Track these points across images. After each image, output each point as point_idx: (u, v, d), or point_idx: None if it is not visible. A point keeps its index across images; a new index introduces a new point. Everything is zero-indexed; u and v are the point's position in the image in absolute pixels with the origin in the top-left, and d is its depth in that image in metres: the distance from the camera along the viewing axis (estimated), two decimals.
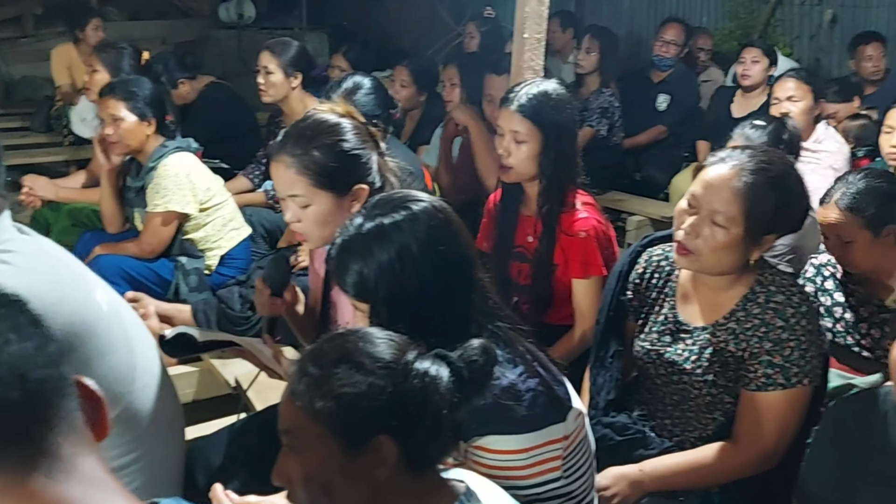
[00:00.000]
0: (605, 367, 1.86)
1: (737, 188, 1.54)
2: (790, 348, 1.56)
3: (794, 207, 1.60)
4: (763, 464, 1.63)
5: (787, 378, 1.57)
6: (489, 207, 2.42)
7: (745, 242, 1.56)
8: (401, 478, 1.01)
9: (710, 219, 1.55)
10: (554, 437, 1.30)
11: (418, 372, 1.02)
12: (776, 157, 1.62)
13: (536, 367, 1.33)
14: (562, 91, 2.15)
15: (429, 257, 1.28)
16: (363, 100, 2.50)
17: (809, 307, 1.61)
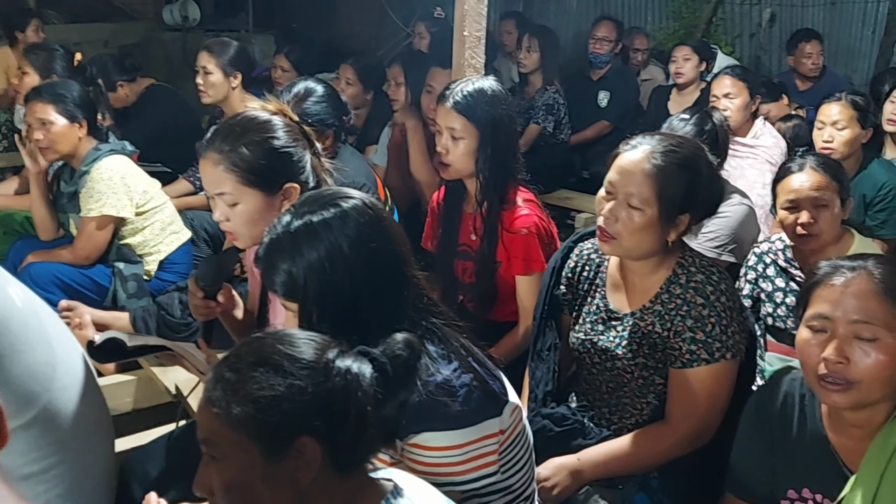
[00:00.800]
0: (543, 359, 1.89)
1: (648, 170, 1.60)
2: (711, 324, 1.61)
3: (704, 188, 1.65)
4: (694, 440, 1.66)
5: (711, 353, 1.61)
6: (433, 206, 2.42)
7: (661, 223, 1.61)
8: (326, 479, 1.00)
9: (627, 202, 1.61)
10: (489, 432, 1.30)
11: (340, 370, 1.00)
12: (685, 142, 1.69)
13: (471, 363, 1.32)
14: (498, 88, 2.16)
15: (360, 255, 1.26)
16: (314, 108, 2.45)
17: (728, 285, 1.66)
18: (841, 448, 1.40)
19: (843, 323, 1.30)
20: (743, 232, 2.55)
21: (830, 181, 2.19)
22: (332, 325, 1.23)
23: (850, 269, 1.34)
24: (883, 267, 1.33)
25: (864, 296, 1.30)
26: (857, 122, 2.98)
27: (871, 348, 1.28)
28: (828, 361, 1.30)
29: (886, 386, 1.31)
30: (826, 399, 1.35)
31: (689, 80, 4.23)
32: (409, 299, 1.32)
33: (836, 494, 1.35)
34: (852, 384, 1.29)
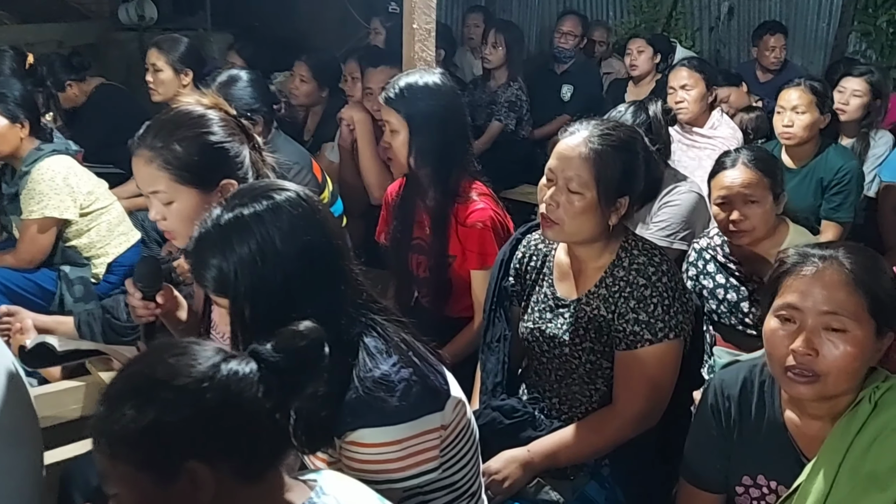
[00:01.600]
0: (493, 351, 1.88)
1: (585, 154, 1.61)
2: (654, 304, 1.62)
3: (641, 169, 1.66)
4: (642, 421, 1.65)
5: (654, 333, 1.61)
6: (387, 200, 2.38)
7: (601, 206, 1.62)
8: (233, 491, 0.95)
9: (566, 187, 1.62)
10: (429, 428, 1.26)
11: (223, 379, 0.94)
12: (621, 126, 1.71)
13: (412, 358, 1.29)
14: (437, 81, 2.12)
15: (292, 248, 1.22)
16: (239, 93, 2.42)
17: (670, 266, 1.67)
18: (799, 436, 1.39)
19: (812, 314, 1.28)
20: (694, 219, 2.55)
21: (762, 177, 2.17)
22: (265, 320, 1.19)
23: (821, 259, 1.31)
24: (853, 257, 1.31)
25: (834, 286, 1.28)
26: (816, 108, 3.00)
27: (840, 340, 1.26)
28: (796, 353, 1.28)
29: (853, 378, 1.29)
30: (792, 391, 1.32)
31: (644, 72, 4.25)
32: (346, 294, 1.28)
33: (792, 481, 1.34)
34: (819, 376, 1.27)
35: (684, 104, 3.25)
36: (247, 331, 1.22)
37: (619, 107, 2.59)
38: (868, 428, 1.26)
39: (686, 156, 3.32)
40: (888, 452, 1.24)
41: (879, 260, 1.35)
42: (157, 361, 0.96)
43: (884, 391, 1.29)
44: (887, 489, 1.21)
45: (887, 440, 1.24)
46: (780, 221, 2.26)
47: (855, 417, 1.28)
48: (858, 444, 1.26)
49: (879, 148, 3.53)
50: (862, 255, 1.32)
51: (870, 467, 1.24)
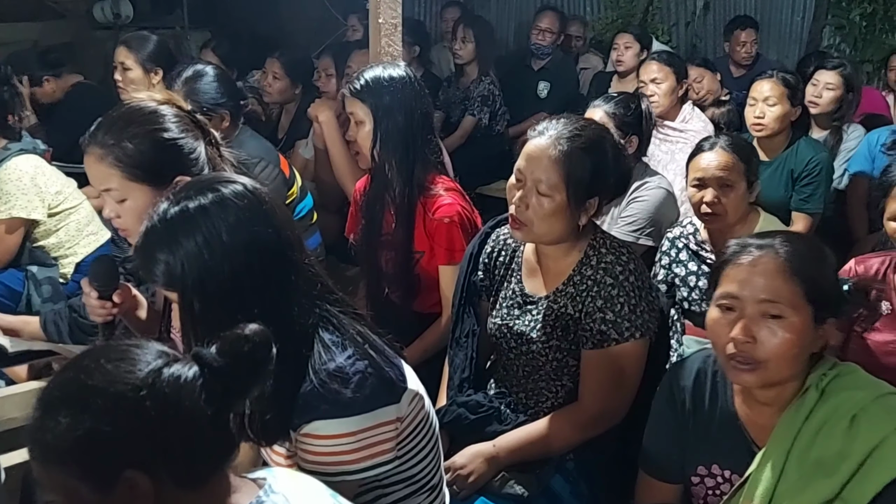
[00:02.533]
0: (461, 346, 1.89)
1: (554, 156, 1.60)
2: (620, 304, 1.62)
3: (610, 170, 1.66)
4: (607, 419, 1.67)
5: (620, 332, 1.62)
6: (356, 196, 2.38)
7: (571, 208, 1.61)
8: (174, 499, 0.93)
9: (535, 189, 1.61)
10: (385, 420, 1.26)
11: (162, 386, 0.92)
12: (589, 125, 1.70)
13: (367, 350, 1.28)
14: (402, 74, 2.12)
15: (239, 241, 1.22)
16: (204, 88, 2.40)
17: (637, 265, 1.68)
18: (750, 425, 1.40)
19: (750, 302, 1.30)
20: (661, 215, 2.57)
21: (738, 162, 2.22)
22: (215, 314, 1.19)
23: (758, 248, 1.34)
24: (789, 245, 1.33)
25: (770, 275, 1.30)
26: (787, 100, 3.03)
27: (777, 327, 1.28)
28: (736, 341, 1.30)
29: (793, 364, 1.31)
30: (736, 378, 1.35)
31: (630, 67, 4.25)
32: (298, 285, 1.27)
33: (745, 470, 1.36)
34: (760, 363, 1.29)
35: (655, 98, 3.26)
36: (197, 324, 1.21)
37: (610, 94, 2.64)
38: (815, 416, 1.29)
39: (659, 150, 3.33)
40: (835, 439, 1.26)
41: (818, 248, 1.38)
42: (94, 367, 0.93)
43: (830, 379, 1.31)
44: (834, 475, 1.24)
45: (834, 427, 1.27)
46: (752, 210, 2.29)
47: (802, 405, 1.31)
48: (806, 431, 1.29)
49: (851, 142, 3.57)
50: (799, 244, 1.35)
51: (817, 454, 1.27)
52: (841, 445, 1.25)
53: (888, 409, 1.27)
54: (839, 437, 1.26)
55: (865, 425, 1.25)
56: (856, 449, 1.24)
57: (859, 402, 1.27)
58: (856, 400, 1.28)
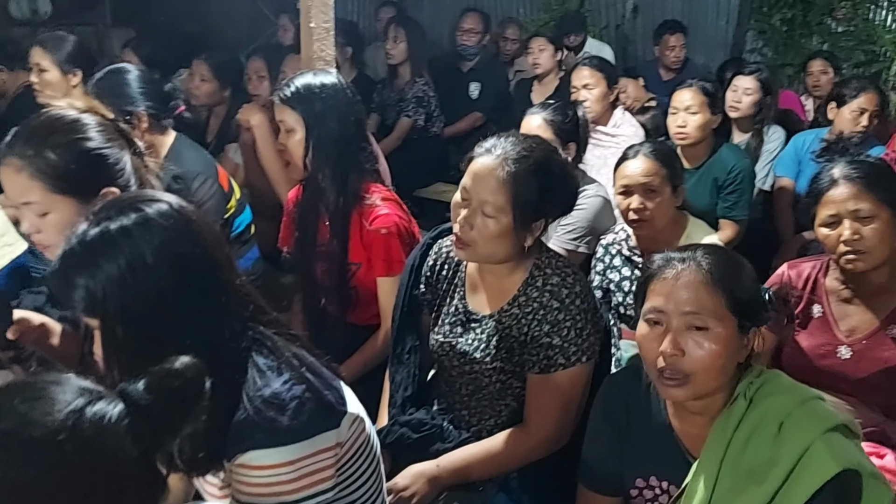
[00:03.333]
0: (403, 363, 1.84)
1: (501, 178, 1.56)
2: (567, 328, 1.60)
3: (558, 192, 1.63)
4: (552, 444, 1.66)
5: (567, 357, 1.60)
6: (289, 206, 2.31)
7: (516, 230, 1.58)
8: None
9: (481, 209, 1.57)
10: (324, 446, 1.22)
11: (84, 428, 0.85)
12: (537, 145, 1.66)
13: (305, 374, 1.24)
14: (332, 81, 2.07)
15: (165, 263, 1.15)
16: (119, 90, 2.29)
17: (583, 286, 1.66)
18: (684, 435, 1.42)
19: (676, 315, 1.32)
20: (598, 223, 2.59)
21: (661, 168, 2.25)
22: (140, 342, 1.13)
23: (681, 262, 1.36)
24: (710, 257, 1.36)
25: (693, 287, 1.32)
26: (708, 108, 3.09)
27: (703, 339, 1.30)
28: (664, 354, 1.31)
29: (720, 375, 1.33)
30: (665, 394, 1.36)
31: (547, 69, 4.29)
32: (229, 308, 1.22)
33: (682, 481, 1.37)
34: (688, 376, 1.31)
35: (587, 103, 3.28)
36: (121, 353, 1.15)
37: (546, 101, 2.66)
38: (745, 424, 1.31)
39: (592, 154, 3.36)
40: (764, 447, 1.28)
41: (738, 259, 1.41)
42: (7, 409, 0.86)
43: (757, 387, 1.34)
44: (764, 482, 1.26)
45: (762, 435, 1.29)
46: (681, 215, 2.34)
47: (732, 415, 1.33)
48: (737, 440, 1.31)
49: (772, 143, 3.68)
50: (719, 256, 1.37)
51: (748, 463, 1.29)
52: (770, 453, 1.27)
53: (812, 415, 1.30)
54: (768, 445, 1.28)
55: (792, 432, 1.28)
56: (784, 456, 1.26)
57: (785, 408, 1.30)
58: (781, 406, 1.30)
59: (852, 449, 1.28)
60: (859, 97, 3.32)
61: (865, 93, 3.32)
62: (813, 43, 5.42)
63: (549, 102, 2.66)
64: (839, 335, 1.85)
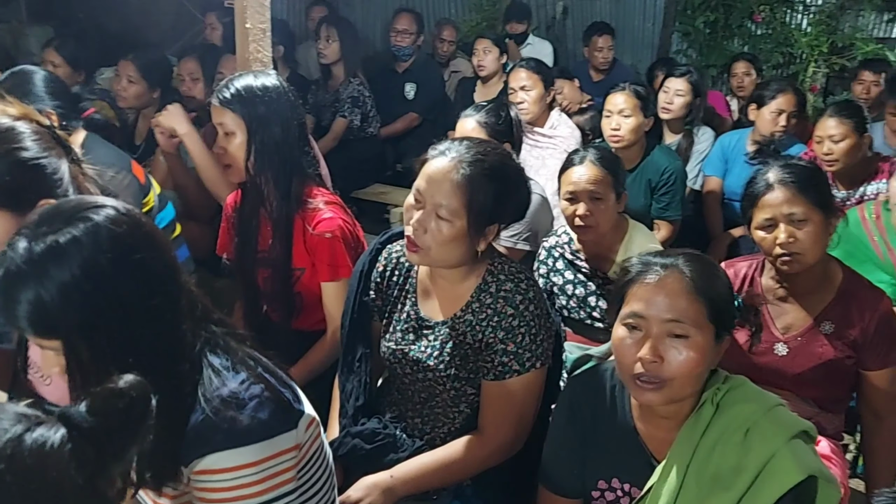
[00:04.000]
0: (354, 371, 1.81)
1: (456, 181, 1.54)
2: (521, 334, 1.60)
3: (513, 197, 1.63)
4: (508, 450, 1.66)
5: (522, 364, 1.60)
6: (227, 211, 2.25)
7: (470, 234, 1.57)
8: None
9: (435, 213, 1.55)
10: (285, 447, 1.19)
11: (23, 456, 0.81)
12: (492, 149, 1.64)
13: (261, 373, 1.20)
14: (272, 83, 2.02)
15: (124, 269, 1.10)
16: (27, 89, 2.20)
17: (536, 292, 1.65)
18: (649, 439, 1.43)
19: (656, 322, 1.32)
20: (537, 221, 2.62)
21: (607, 175, 2.30)
22: (105, 356, 1.07)
23: (663, 267, 1.36)
24: (692, 265, 1.36)
25: (675, 294, 1.32)
26: (641, 111, 3.16)
27: (682, 346, 1.31)
28: (643, 360, 1.31)
29: (696, 382, 1.35)
30: (640, 398, 1.36)
31: (492, 71, 4.31)
32: (185, 309, 1.17)
33: (645, 484, 1.39)
34: (665, 382, 1.31)
35: (525, 105, 3.33)
36: (89, 369, 1.08)
37: (479, 102, 2.66)
38: (712, 430, 1.33)
39: (530, 155, 3.41)
40: (730, 453, 1.30)
41: (716, 267, 1.43)
42: None
43: (724, 393, 1.36)
44: (731, 489, 1.28)
45: (729, 441, 1.31)
46: (622, 219, 2.38)
47: (699, 420, 1.35)
48: (703, 445, 1.32)
49: (702, 144, 3.80)
50: (700, 263, 1.39)
51: (714, 468, 1.31)
52: (736, 459, 1.30)
53: (778, 423, 1.33)
54: (734, 452, 1.30)
55: (758, 439, 1.30)
56: (749, 463, 1.29)
57: (751, 415, 1.33)
58: (748, 413, 1.33)
59: (813, 455, 1.32)
60: (777, 98, 3.45)
61: (783, 94, 3.46)
62: (734, 45, 5.62)
63: (482, 104, 2.65)
64: (776, 332, 1.92)
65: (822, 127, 3.05)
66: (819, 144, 3.06)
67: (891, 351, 1.86)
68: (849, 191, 3.14)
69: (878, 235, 2.55)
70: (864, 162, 3.10)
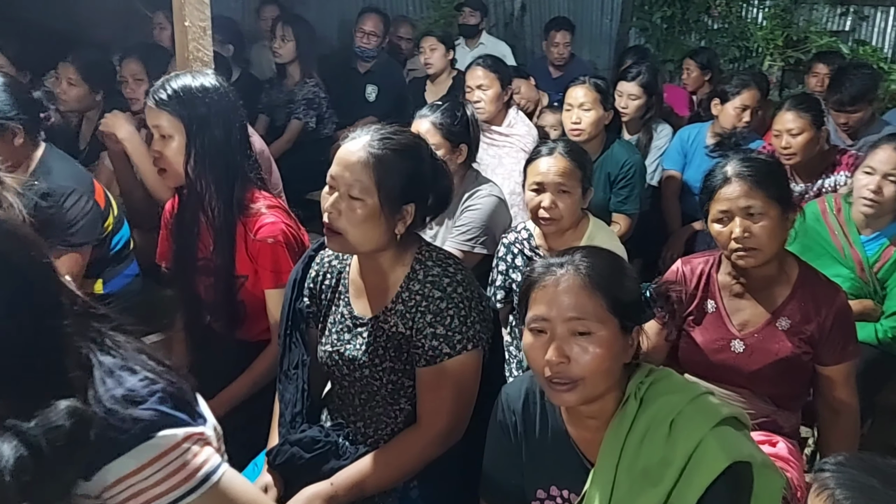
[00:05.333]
0: (290, 378, 1.76)
1: (364, 159, 1.55)
2: (450, 316, 1.57)
3: (427, 178, 1.61)
4: (446, 439, 1.61)
5: (452, 346, 1.57)
6: (166, 218, 2.15)
7: (385, 213, 1.55)
8: None
9: (348, 194, 1.55)
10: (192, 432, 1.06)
11: None
12: (404, 131, 1.65)
13: (159, 370, 1.09)
14: (212, 83, 1.93)
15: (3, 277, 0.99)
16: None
17: (465, 275, 1.63)
18: (580, 441, 1.40)
19: (559, 322, 1.31)
20: (494, 223, 2.57)
21: (575, 169, 2.26)
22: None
23: (559, 267, 1.35)
24: (588, 260, 1.35)
25: (573, 292, 1.31)
26: (601, 104, 3.14)
27: (587, 343, 1.29)
28: (550, 363, 1.29)
29: (609, 377, 1.32)
30: (556, 399, 1.34)
31: (439, 69, 4.25)
32: (67, 310, 1.06)
33: (582, 488, 1.35)
34: (577, 382, 1.30)
35: (481, 104, 3.27)
36: None
37: (434, 102, 2.60)
38: (637, 426, 1.31)
39: (486, 154, 3.35)
40: (657, 447, 1.28)
41: (617, 259, 1.41)
42: None
43: (647, 386, 1.34)
44: (660, 483, 1.26)
45: (655, 435, 1.29)
46: (583, 215, 2.34)
47: (624, 417, 1.32)
48: (630, 443, 1.30)
49: (661, 140, 3.78)
50: (598, 258, 1.37)
51: (643, 464, 1.29)
52: (663, 453, 1.27)
53: (702, 411, 1.30)
54: (660, 445, 1.28)
55: (682, 430, 1.28)
56: (676, 455, 1.26)
57: (675, 406, 1.31)
58: (672, 404, 1.31)
59: (742, 441, 1.29)
60: (742, 94, 3.45)
61: (748, 90, 3.46)
62: (692, 39, 5.64)
63: (437, 104, 2.60)
64: (732, 329, 1.89)
65: (780, 121, 3.05)
66: (777, 138, 3.06)
67: (847, 345, 1.84)
68: (807, 184, 3.14)
69: (838, 229, 2.55)
70: (821, 155, 3.10)
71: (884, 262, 2.46)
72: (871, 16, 5.27)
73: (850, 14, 5.30)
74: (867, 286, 2.49)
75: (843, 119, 3.55)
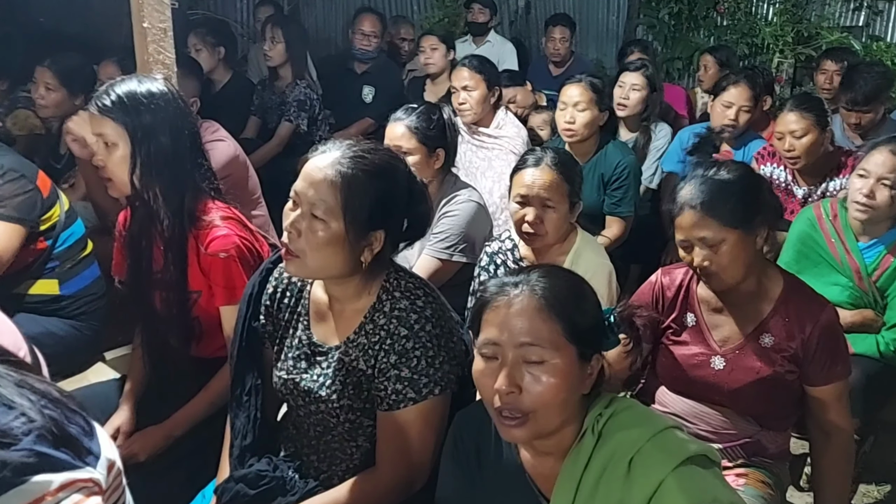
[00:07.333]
0: (243, 407, 1.64)
1: (331, 178, 1.39)
2: (416, 358, 1.44)
3: (401, 203, 1.46)
4: (406, 487, 1.49)
5: (418, 391, 1.44)
6: (119, 229, 2.05)
7: (350, 239, 1.41)
8: None
9: (311, 213, 1.40)
10: (76, 478, 0.94)
11: None
12: (378, 149, 1.49)
13: (39, 403, 0.97)
14: (160, 88, 1.83)
15: None
16: None
17: (435, 309, 1.48)
18: (536, 476, 1.29)
19: (510, 347, 1.19)
20: (473, 230, 2.45)
21: (562, 182, 2.14)
22: None
23: (514, 286, 1.23)
24: (545, 280, 1.23)
25: (526, 315, 1.19)
26: (596, 105, 3.02)
27: (540, 372, 1.17)
28: (500, 392, 1.17)
29: (563, 410, 1.20)
30: (505, 435, 1.22)
31: (440, 69, 4.15)
32: None
33: None
34: (528, 415, 1.18)
35: (467, 105, 3.17)
36: None
37: (410, 105, 2.49)
38: (594, 463, 1.19)
39: (476, 156, 3.25)
40: (614, 489, 1.16)
41: (578, 281, 1.29)
42: None
43: (606, 419, 1.22)
44: None
45: (612, 475, 1.17)
46: (571, 228, 2.22)
47: (580, 453, 1.20)
48: (587, 481, 1.19)
49: (660, 140, 3.65)
50: (556, 279, 1.25)
51: None
52: (620, 495, 1.15)
53: (664, 449, 1.18)
54: (618, 486, 1.16)
55: (641, 471, 1.16)
56: (633, 498, 1.14)
57: (635, 442, 1.18)
58: (632, 440, 1.19)
59: (708, 482, 1.16)
60: (729, 90, 3.32)
61: (735, 87, 3.31)
62: (700, 36, 5.48)
63: (412, 107, 2.48)
64: (713, 345, 1.76)
65: (783, 122, 2.90)
66: (780, 140, 2.92)
67: (835, 365, 1.70)
68: (811, 187, 3.00)
69: (834, 236, 2.41)
70: (826, 157, 2.95)
71: (882, 271, 2.32)
72: (886, 10, 5.08)
73: (863, 9, 5.11)
74: (866, 295, 2.35)
75: (855, 119, 3.39)
